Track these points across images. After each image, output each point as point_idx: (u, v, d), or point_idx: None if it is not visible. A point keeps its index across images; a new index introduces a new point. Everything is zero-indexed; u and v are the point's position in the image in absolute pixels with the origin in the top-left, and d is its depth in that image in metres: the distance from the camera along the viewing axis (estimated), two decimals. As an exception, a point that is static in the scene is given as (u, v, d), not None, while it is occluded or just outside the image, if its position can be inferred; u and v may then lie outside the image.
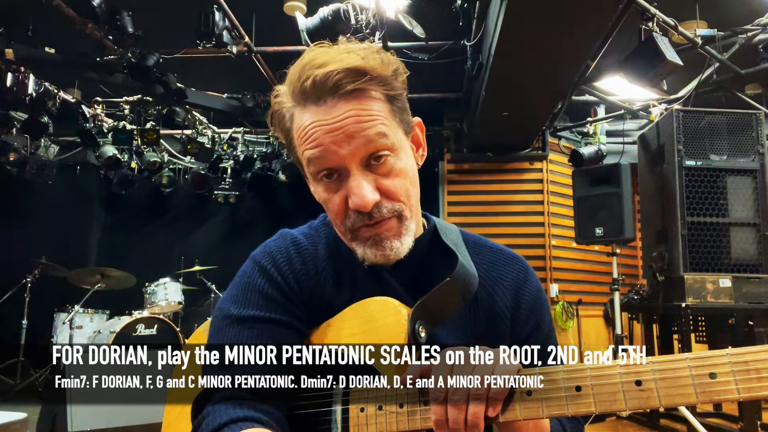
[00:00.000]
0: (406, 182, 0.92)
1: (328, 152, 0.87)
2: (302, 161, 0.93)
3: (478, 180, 6.75)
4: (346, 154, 0.86)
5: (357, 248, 0.93)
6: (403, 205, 0.92)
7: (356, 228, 0.91)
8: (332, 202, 0.91)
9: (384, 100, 0.90)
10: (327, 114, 0.87)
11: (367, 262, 0.94)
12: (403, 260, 0.95)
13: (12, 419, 2.03)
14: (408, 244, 0.93)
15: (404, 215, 0.92)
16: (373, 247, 0.91)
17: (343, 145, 0.86)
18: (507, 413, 0.73)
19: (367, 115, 0.87)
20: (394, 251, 0.91)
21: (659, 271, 4.25)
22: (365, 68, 0.87)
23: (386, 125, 0.89)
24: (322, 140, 0.87)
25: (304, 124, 0.89)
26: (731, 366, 0.64)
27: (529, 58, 4.23)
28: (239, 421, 0.80)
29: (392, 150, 0.90)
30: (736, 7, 4.74)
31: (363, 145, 0.86)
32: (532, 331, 1.00)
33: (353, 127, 0.86)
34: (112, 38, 4.62)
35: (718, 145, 4.30)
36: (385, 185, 0.89)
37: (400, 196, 0.91)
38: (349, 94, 0.86)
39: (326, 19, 4.10)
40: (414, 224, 0.95)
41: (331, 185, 0.90)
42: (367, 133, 0.86)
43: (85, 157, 7.13)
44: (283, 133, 0.96)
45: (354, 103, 0.87)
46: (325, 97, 0.87)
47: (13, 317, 5.54)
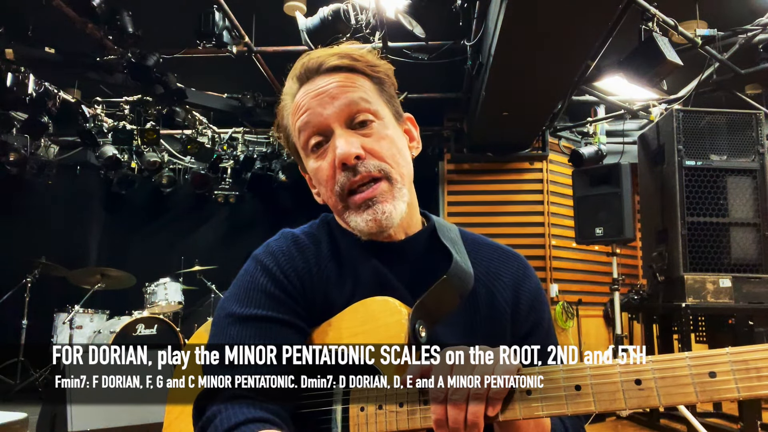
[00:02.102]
0: (392, 149, 0.95)
1: (314, 114, 0.93)
2: (296, 140, 0.98)
3: (478, 180, 6.76)
4: (330, 114, 0.93)
5: (350, 220, 0.95)
6: (390, 167, 0.94)
7: (346, 191, 0.93)
8: (321, 170, 0.95)
9: (368, 80, 0.97)
10: (314, 85, 0.95)
11: (363, 235, 0.95)
12: (402, 257, 0.96)
13: (12, 419, 2.03)
14: (401, 210, 0.94)
15: (393, 177, 0.94)
16: (364, 212, 0.93)
17: (326, 106, 0.93)
18: (507, 413, 0.73)
19: (351, 84, 0.95)
20: (386, 215, 0.93)
21: (659, 271, 4.25)
22: (350, 53, 0.97)
23: (369, 95, 0.95)
24: (309, 105, 0.94)
25: (296, 101, 0.97)
26: (731, 365, 0.64)
27: (529, 58, 4.23)
28: (257, 421, 0.80)
29: (377, 116, 0.95)
30: (736, 7, 4.74)
31: (346, 106, 0.93)
32: (532, 327, 1.00)
33: (336, 90, 0.94)
34: (112, 38, 4.62)
35: (718, 145, 4.30)
36: (370, 145, 0.93)
37: (385, 157, 0.94)
38: (335, 69, 0.95)
39: (326, 19, 4.10)
40: (407, 192, 0.96)
41: (320, 153, 0.95)
42: (350, 95, 0.93)
43: (85, 157, 7.13)
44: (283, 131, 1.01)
45: (339, 75, 0.95)
46: (312, 75, 0.96)
47: (13, 317, 5.54)
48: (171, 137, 7.23)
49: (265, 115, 6.28)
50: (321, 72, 0.95)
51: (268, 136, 7.26)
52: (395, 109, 1.00)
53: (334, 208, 0.99)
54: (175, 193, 7.52)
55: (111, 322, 5.29)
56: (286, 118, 1.00)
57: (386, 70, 1.00)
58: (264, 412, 0.82)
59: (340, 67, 0.95)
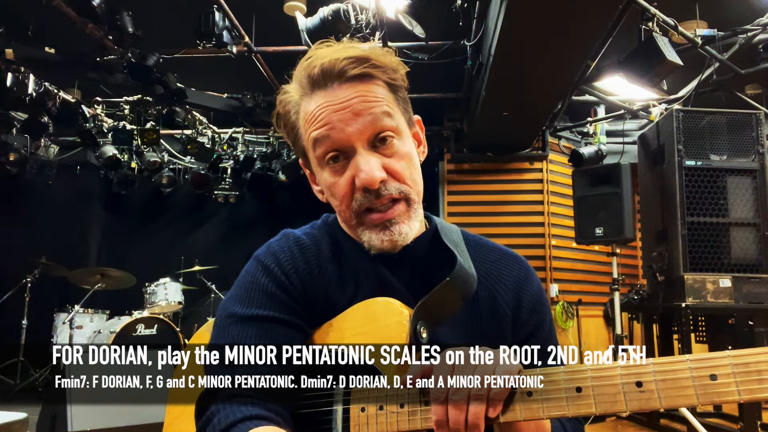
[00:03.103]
0: (411, 167, 0.94)
1: (335, 130, 0.89)
2: (308, 147, 0.95)
3: (478, 180, 6.75)
4: (353, 131, 0.89)
5: (363, 235, 0.94)
6: (410, 188, 0.93)
7: (363, 211, 0.92)
8: (338, 185, 0.92)
9: (388, 89, 0.93)
10: (334, 96, 0.90)
11: (374, 250, 0.94)
12: (404, 259, 0.96)
13: (12, 419, 2.03)
14: (415, 230, 0.94)
15: (412, 198, 0.93)
16: (381, 233, 0.92)
17: (350, 123, 0.89)
18: (507, 414, 0.73)
19: (373, 97, 0.91)
20: (403, 236, 0.92)
21: (659, 271, 4.25)
22: (369, 56, 0.91)
23: (391, 108, 0.92)
24: (329, 119, 0.90)
25: (311, 109, 0.92)
26: (732, 367, 0.64)
27: (529, 58, 4.23)
28: (254, 419, 0.80)
29: (397, 133, 0.93)
30: (736, 7, 4.74)
31: (370, 123, 0.89)
32: (533, 330, 1.00)
33: (360, 106, 0.89)
34: (112, 38, 4.62)
35: (718, 145, 4.30)
36: (392, 166, 0.91)
37: (406, 178, 0.92)
38: (355, 78, 0.90)
39: (326, 19, 4.10)
40: (421, 210, 0.96)
41: (337, 168, 0.92)
42: (374, 111, 0.90)
43: (85, 157, 7.13)
44: (288, 127, 0.98)
45: (360, 87, 0.90)
46: (332, 82, 0.90)
47: (13, 317, 5.53)
48: (171, 137, 7.23)
49: (265, 115, 6.28)
50: (342, 80, 0.90)
51: (268, 136, 7.26)
52: (408, 116, 0.98)
53: (346, 221, 0.97)
54: (175, 193, 7.52)
55: (111, 322, 5.29)
56: (294, 116, 0.96)
57: (403, 75, 0.97)
58: (262, 409, 0.82)
59: (361, 76, 0.91)
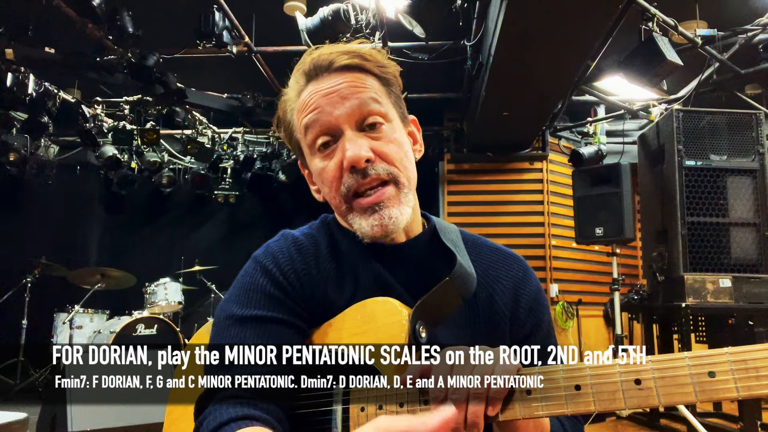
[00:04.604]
0: (401, 152, 0.95)
1: (323, 113, 0.92)
2: (301, 138, 0.97)
3: (478, 180, 6.75)
4: (341, 114, 0.91)
5: (354, 223, 0.94)
6: (398, 171, 0.93)
7: (352, 195, 0.92)
8: (327, 170, 0.94)
9: (378, 81, 0.96)
10: (324, 83, 0.94)
11: (366, 238, 0.94)
12: (403, 258, 0.96)
13: (12, 419, 2.03)
14: (407, 216, 0.94)
15: (401, 182, 0.94)
16: (370, 217, 0.92)
17: (337, 106, 0.92)
18: (507, 412, 0.73)
19: (361, 84, 0.94)
20: (393, 220, 0.92)
21: (659, 271, 4.25)
22: (359, 51, 0.96)
23: (379, 96, 0.94)
24: (318, 103, 0.93)
25: (303, 98, 0.95)
26: (730, 365, 0.64)
27: (529, 58, 4.23)
28: (238, 420, 0.80)
29: (386, 119, 0.94)
30: (736, 7, 4.74)
31: (357, 107, 0.92)
32: (531, 330, 1.00)
33: (347, 90, 0.92)
34: (112, 38, 4.62)
35: (718, 145, 4.30)
36: (380, 148, 0.92)
37: (395, 161, 0.93)
38: (345, 68, 0.94)
39: (326, 19, 4.10)
40: (413, 197, 0.96)
41: (327, 153, 0.94)
42: (361, 95, 0.92)
43: (85, 157, 7.13)
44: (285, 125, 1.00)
45: (349, 75, 0.94)
46: (322, 72, 0.94)
47: (13, 317, 5.54)
48: (171, 137, 7.23)
49: (265, 115, 6.28)
50: (331, 70, 0.94)
51: (268, 136, 7.26)
52: (402, 112, 1.00)
53: (337, 208, 0.98)
54: (175, 193, 7.52)
55: (111, 322, 5.28)
56: (290, 114, 0.99)
57: (394, 71, 0.99)
58: (252, 409, 0.81)
59: (350, 66, 0.94)
